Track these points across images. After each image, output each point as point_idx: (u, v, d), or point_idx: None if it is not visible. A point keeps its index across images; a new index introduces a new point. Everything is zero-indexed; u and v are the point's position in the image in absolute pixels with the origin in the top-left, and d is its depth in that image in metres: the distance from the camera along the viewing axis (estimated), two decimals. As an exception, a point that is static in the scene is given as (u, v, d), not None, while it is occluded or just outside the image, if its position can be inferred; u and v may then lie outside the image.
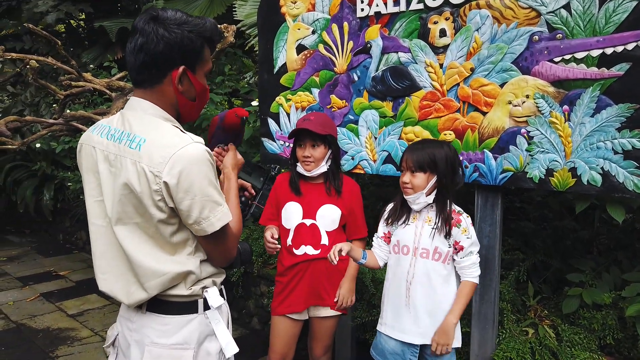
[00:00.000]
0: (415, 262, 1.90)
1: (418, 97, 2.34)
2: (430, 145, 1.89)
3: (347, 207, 2.13)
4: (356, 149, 2.58)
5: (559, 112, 1.97)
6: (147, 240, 1.26)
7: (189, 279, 1.30)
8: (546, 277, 2.74)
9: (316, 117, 2.09)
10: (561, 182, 2.00)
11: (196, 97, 1.33)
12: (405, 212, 1.95)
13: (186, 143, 1.20)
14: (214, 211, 1.22)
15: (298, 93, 2.75)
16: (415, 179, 1.87)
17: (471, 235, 1.91)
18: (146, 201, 1.21)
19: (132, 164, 1.21)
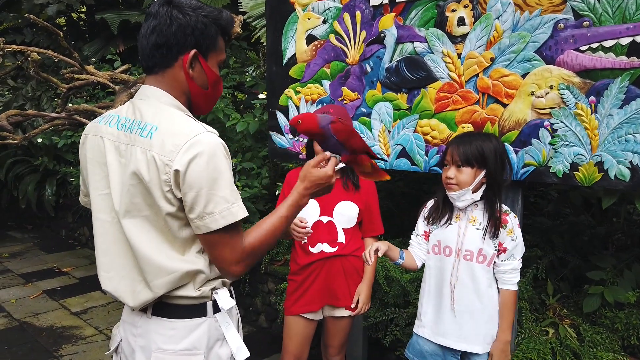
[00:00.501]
0: (459, 265, 1.80)
1: (434, 89, 2.25)
2: (478, 138, 1.78)
3: (364, 203, 2.05)
4: (369, 143, 2.49)
5: (585, 104, 1.89)
6: (156, 235, 1.20)
7: (198, 279, 1.22)
8: (564, 274, 2.66)
9: (335, 110, 1.99)
10: (587, 177, 1.91)
11: (209, 86, 1.28)
12: (447, 211, 1.85)
13: (199, 132, 1.15)
14: (219, 207, 1.14)
15: (308, 85, 2.66)
16: (461, 175, 1.75)
17: (516, 237, 1.79)
18: (155, 192, 1.15)
19: (142, 152, 1.15)
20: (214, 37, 1.24)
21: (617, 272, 2.37)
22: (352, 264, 2.03)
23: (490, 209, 1.78)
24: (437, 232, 1.85)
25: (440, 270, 1.84)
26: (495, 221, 1.76)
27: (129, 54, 5.78)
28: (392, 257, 1.83)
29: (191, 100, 1.27)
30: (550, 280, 2.49)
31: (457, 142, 1.77)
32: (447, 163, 1.78)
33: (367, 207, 2.06)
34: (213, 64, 1.28)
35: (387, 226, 3.19)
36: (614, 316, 2.20)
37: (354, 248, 2.04)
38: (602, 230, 2.99)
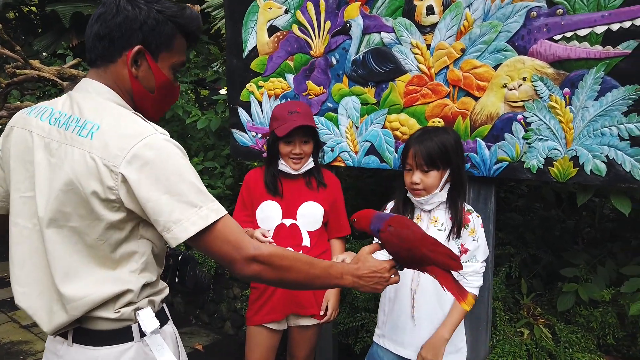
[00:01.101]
0: (419, 276, 1.69)
1: (403, 82, 2.13)
2: (438, 135, 1.67)
3: (329, 203, 1.92)
4: (336, 139, 2.36)
5: (559, 96, 1.80)
6: (82, 249, 1.06)
7: (121, 300, 1.08)
8: (537, 271, 2.60)
9: (302, 107, 1.89)
10: (562, 172, 1.83)
11: (155, 89, 1.15)
12: (407, 212, 1.74)
13: (150, 132, 1.03)
14: (186, 213, 1.00)
15: (271, 79, 2.51)
16: (428, 179, 1.64)
17: (478, 238, 1.70)
18: (93, 201, 1.02)
19: (81, 154, 1.02)
20: (168, 36, 1.13)
21: (590, 268, 2.32)
22: None
23: (453, 208, 1.68)
24: None
25: (401, 275, 1.72)
26: (458, 221, 1.66)
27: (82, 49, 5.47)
28: None
29: (135, 103, 1.16)
30: (524, 279, 2.42)
31: (418, 142, 1.65)
32: (410, 167, 1.66)
33: (333, 207, 1.93)
34: (164, 66, 1.15)
35: (357, 225, 3.08)
36: (589, 314, 2.14)
37: (320, 251, 1.91)
38: (572, 224, 2.96)
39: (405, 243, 1.29)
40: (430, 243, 1.31)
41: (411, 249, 1.29)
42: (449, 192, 1.69)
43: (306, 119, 1.84)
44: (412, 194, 1.69)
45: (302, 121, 1.81)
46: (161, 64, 1.14)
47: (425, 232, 1.67)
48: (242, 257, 1.05)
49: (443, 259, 1.31)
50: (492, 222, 2.08)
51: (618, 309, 2.12)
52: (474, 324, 2.14)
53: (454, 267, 1.33)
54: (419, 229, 1.36)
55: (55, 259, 1.06)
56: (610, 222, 3.04)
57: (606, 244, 2.55)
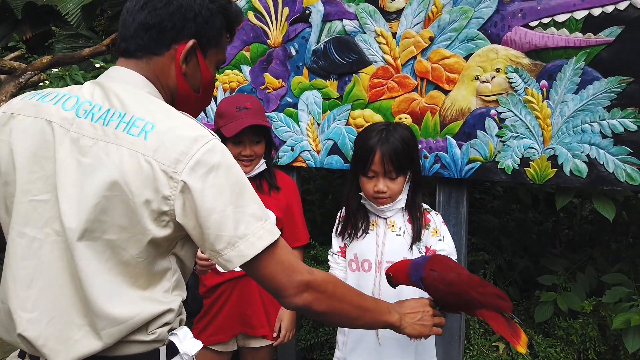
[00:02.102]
0: (380, 280, 1.51)
1: (367, 74, 1.94)
2: (397, 131, 1.47)
3: (283, 209, 1.71)
4: (296, 137, 2.16)
5: (535, 89, 1.63)
6: (114, 266, 0.91)
7: (159, 320, 0.94)
8: (512, 277, 2.44)
9: (252, 102, 1.67)
10: (539, 174, 1.66)
11: (200, 89, 1.05)
12: (361, 219, 1.55)
13: (211, 137, 0.91)
14: (251, 226, 0.90)
15: (225, 72, 2.29)
16: (395, 185, 1.46)
17: (444, 237, 1.54)
18: (142, 211, 0.88)
19: (132, 156, 0.87)
20: (218, 30, 1.03)
21: (569, 275, 2.16)
22: None
23: (413, 210, 1.50)
24: (352, 246, 1.55)
25: (359, 289, 1.53)
26: (418, 223, 1.48)
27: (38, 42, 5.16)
28: None
29: (175, 102, 1.02)
30: (500, 287, 2.26)
31: (381, 146, 1.43)
32: (375, 174, 1.45)
33: (287, 213, 1.72)
34: (211, 63, 1.05)
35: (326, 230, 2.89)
36: (568, 326, 1.98)
37: (274, 265, 1.70)
38: (549, 226, 2.81)
39: (453, 287, 1.22)
40: (478, 284, 1.24)
41: (459, 294, 1.22)
42: (409, 193, 1.51)
43: (257, 117, 1.63)
44: (372, 202, 1.50)
45: (253, 120, 1.60)
46: (209, 60, 1.04)
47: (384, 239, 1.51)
48: (295, 284, 0.96)
49: (492, 300, 1.23)
50: (465, 227, 1.91)
51: (599, 320, 1.97)
52: (446, 339, 1.96)
53: (504, 308, 1.23)
54: (464, 270, 1.30)
55: (86, 277, 0.89)
56: (588, 224, 2.91)
57: (586, 249, 2.40)
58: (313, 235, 1.85)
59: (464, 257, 1.93)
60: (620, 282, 1.97)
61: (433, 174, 1.86)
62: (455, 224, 1.90)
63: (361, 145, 1.48)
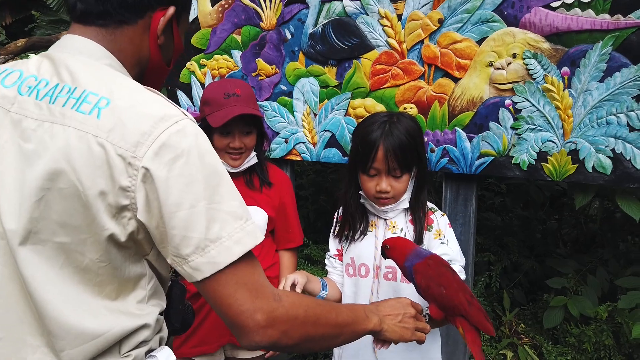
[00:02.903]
0: (379, 287, 1.36)
1: (369, 60, 1.79)
2: (401, 123, 1.31)
3: (276, 208, 1.54)
4: (291, 129, 2.00)
5: (556, 77, 1.49)
6: (71, 274, 0.75)
7: (134, 339, 0.79)
8: (517, 279, 2.31)
9: (242, 89, 1.47)
10: (557, 170, 1.52)
11: (171, 61, 0.92)
12: (359, 219, 1.39)
13: (182, 117, 0.75)
14: (228, 227, 0.74)
15: (214, 57, 2.12)
16: (399, 184, 1.31)
17: (448, 240, 1.38)
18: (96, 205, 0.72)
19: (81, 137, 0.71)
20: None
21: (580, 278, 2.04)
22: None
23: (416, 209, 1.35)
24: (349, 248, 1.40)
25: (356, 296, 1.38)
26: (421, 223, 1.34)
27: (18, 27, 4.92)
28: (312, 291, 1.35)
29: (143, 77, 0.87)
30: (505, 290, 2.13)
31: (384, 140, 1.26)
32: (378, 171, 1.29)
33: (280, 213, 1.56)
34: (182, 32, 0.91)
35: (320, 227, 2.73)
36: (580, 333, 1.86)
37: (265, 266, 1.53)
38: (554, 225, 2.69)
39: (442, 279, 1.13)
40: (469, 293, 1.14)
41: (447, 288, 1.12)
42: (413, 192, 1.36)
43: (248, 105, 1.45)
44: (374, 202, 1.34)
45: (243, 108, 1.43)
46: (181, 29, 0.90)
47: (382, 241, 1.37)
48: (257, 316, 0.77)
49: (478, 316, 1.11)
50: (473, 226, 1.77)
51: (613, 326, 1.85)
52: (450, 347, 1.83)
53: (487, 329, 1.11)
54: (459, 276, 1.18)
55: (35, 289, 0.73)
56: (593, 223, 2.80)
57: (595, 250, 2.28)
58: (306, 234, 1.70)
59: (471, 259, 1.79)
60: (635, 286, 1.85)
61: (440, 170, 1.72)
62: (463, 224, 1.76)
63: (362, 140, 1.31)
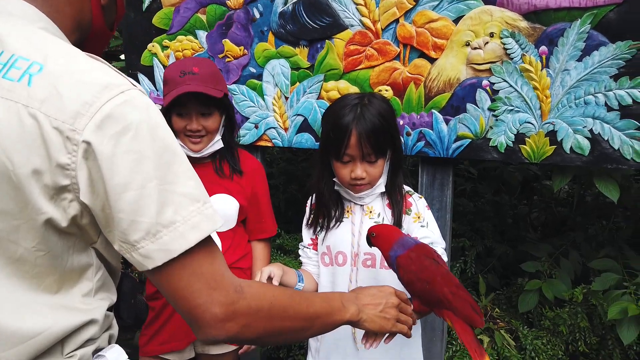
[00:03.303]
0: (357, 275, 1.30)
1: (343, 40, 1.71)
2: (373, 105, 1.25)
3: (247, 196, 1.46)
4: (261, 113, 1.91)
5: (533, 56, 1.46)
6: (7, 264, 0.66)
7: (78, 337, 0.70)
8: (491, 264, 2.31)
9: (202, 67, 1.38)
10: (535, 152, 1.50)
11: (114, 26, 0.85)
12: (334, 206, 1.33)
13: (130, 87, 0.67)
14: (183, 210, 0.66)
15: (178, 38, 2.00)
16: (375, 169, 1.25)
17: (427, 223, 1.35)
18: (30, 187, 0.63)
19: (7, 108, 0.63)
20: None
21: (553, 261, 2.04)
22: None
23: (393, 193, 1.31)
24: (326, 237, 1.34)
25: (334, 286, 1.33)
26: (397, 207, 1.30)
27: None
28: (288, 284, 1.28)
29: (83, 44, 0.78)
30: (481, 276, 2.11)
31: (357, 125, 1.20)
32: (352, 157, 1.23)
33: (253, 202, 1.48)
34: None
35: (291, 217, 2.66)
36: (555, 316, 1.86)
37: (237, 257, 1.46)
38: (525, 210, 2.71)
39: (425, 273, 1.08)
40: (454, 284, 1.09)
41: (430, 283, 1.07)
42: (389, 175, 1.31)
43: (204, 83, 1.34)
44: (349, 189, 1.28)
45: (196, 86, 1.32)
46: None
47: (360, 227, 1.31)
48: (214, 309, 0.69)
49: (464, 308, 1.07)
50: (450, 212, 1.73)
51: (587, 308, 1.85)
52: (427, 335, 1.80)
53: (475, 322, 1.08)
54: (445, 266, 1.14)
55: None
56: (562, 207, 2.83)
57: (569, 233, 2.29)
58: (277, 223, 1.63)
59: (448, 245, 1.75)
60: (608, 268, 1.86)
61: (416, 153, 1.67)
62: (439, 209, 1.72)
63: (333, 125, 1.24)
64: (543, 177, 2.68)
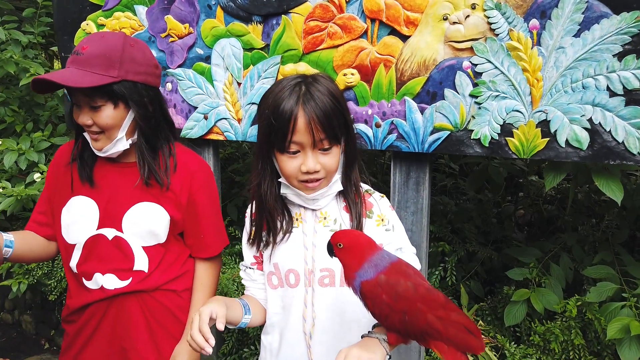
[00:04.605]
0: (314, 297, 1.06)
1: (302, 15, 1.47)
2: (319, 83, 1.01)
3: (180, 206, 1.19)
4: (210, 102, 1.65)
5: (523, 31, 1.23)
6: None
7: None
8: (474, 269, 2.09)
9: (93, 45, 1.08)
10: (525, 145, 1.27)
11: None
12: (281, 215, 1.08)
13: None
14: None
15: (115, 14, 1.73)
16: (330, 159, 1.02)
17: (393, 225, 1.11)
18: None
19: None
20: None
21: (543, 267, 1.83)
22: (161, 304, 1.19)
23: (347, 193, 1.08)
24: (273, 253, 1.10)
25: (286, 312, 1.09)
26: (356, 209, 1.07)
27: None
28: (233, 320, 1.04)
29: None
30: (463, 285, 1.90)
31: (304, 105, 0.97)
32: (299, 148, 1.00)
33: (189, 211, 1.20)
34: None
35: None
36: (546, 331, 1.64)
37: (169, 277, 1.20)
38: (511, 209, 2.49)
39: (400, 303, 0.84)
40: (440, 305, 0.85)
41: (409, 313, 0.84)
42: (343, 171, 1.08)
43: (85, 66, 1.05)
44: (300, 189, 1.04)
45: (64, 73, 1.05)
46: None
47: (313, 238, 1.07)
48: None
49: (458, 334, 0.84)
50: (427, 215, 1.50)
51: (581, 322, 1.64)
52: (402, 351, 1.57)
53: (474, 348, 0.85)
54: (424, 282, 0.88)
55: None
56: (549, 205, 2.63)
57: (558, 235, 2.09)
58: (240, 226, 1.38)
59: (424, 252, 1.53)
60: (604, 276, 1.65)
61: (387, 148, 1.44)
62: (414, 212, 1.49)
63: (274, 111, 0.99)
64: (530, 172, 2.47)
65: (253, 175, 1.09)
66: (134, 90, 1.09)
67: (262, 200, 1.06)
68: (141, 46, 1.15)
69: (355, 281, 0.90)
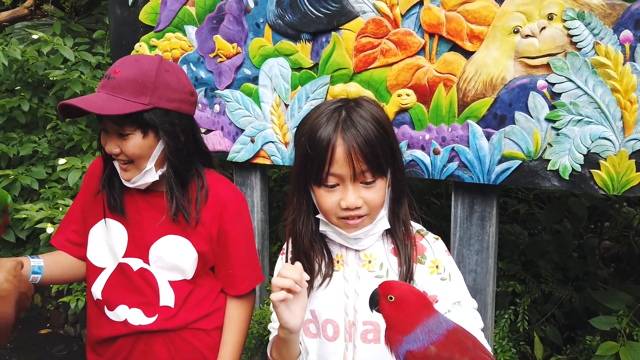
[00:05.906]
0: (355, 355, 0.93)
1: (353, 32, 1.35)
2: (364, 109, 0.88)
3: (210, 239, 1.08)
4: (257, 124, 1.57)
5: (612, 45, 1.03)
6: None
7: None
8: (550, 312, 1.84)
9: (125, 68, 1.01)
10: (615, 179, 1.06)
11: None
12: (319, 257, 0.96)
13: None
14: None
15: (166, 35, 1.71)
16: (373, 194, 0.90)
17: (450, 274, 0.95)
18: None
19: None
20: None
21: (634, 315, 1.56)
22: (190, 343, 1.09)
23: (394, 232, 0.95)
24: (309, 299, 0.96)
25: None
26: (405, 252, 0.93)
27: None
28: None
29: None
30: (536, 332, 1.66)
31: (343, 133, 0.85)
32: (338, 180, 0.87)
33: (220, 244, 1.11)
34: None
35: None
36: (639, 395, 1.38)
37: (197, 315, 1.10)
38: (596, 242, 2.21)
39: None
40: None
41: None
42: (390, 206, 0.93)
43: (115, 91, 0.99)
44: (339, 227, 0.91)
45: (97, 98, 0.98)
46: None
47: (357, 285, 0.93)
48: None
49: None
50: (493, 254, 1.32)
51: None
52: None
53: None
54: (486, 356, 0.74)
55: None
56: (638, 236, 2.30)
57: None
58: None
59: (490, 297, 1.34)
60: None
61: (447, 177, 1.27)
62: (479, 250, 1.31)
63: (310, 139, 0.87)
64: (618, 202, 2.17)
65: (289, 210, 0.98)
66: (166, 119, 1.02)
67: (297, 238, 0.95)
68: (177, 71, 1.07)
69: (401, 347, 0.75)
